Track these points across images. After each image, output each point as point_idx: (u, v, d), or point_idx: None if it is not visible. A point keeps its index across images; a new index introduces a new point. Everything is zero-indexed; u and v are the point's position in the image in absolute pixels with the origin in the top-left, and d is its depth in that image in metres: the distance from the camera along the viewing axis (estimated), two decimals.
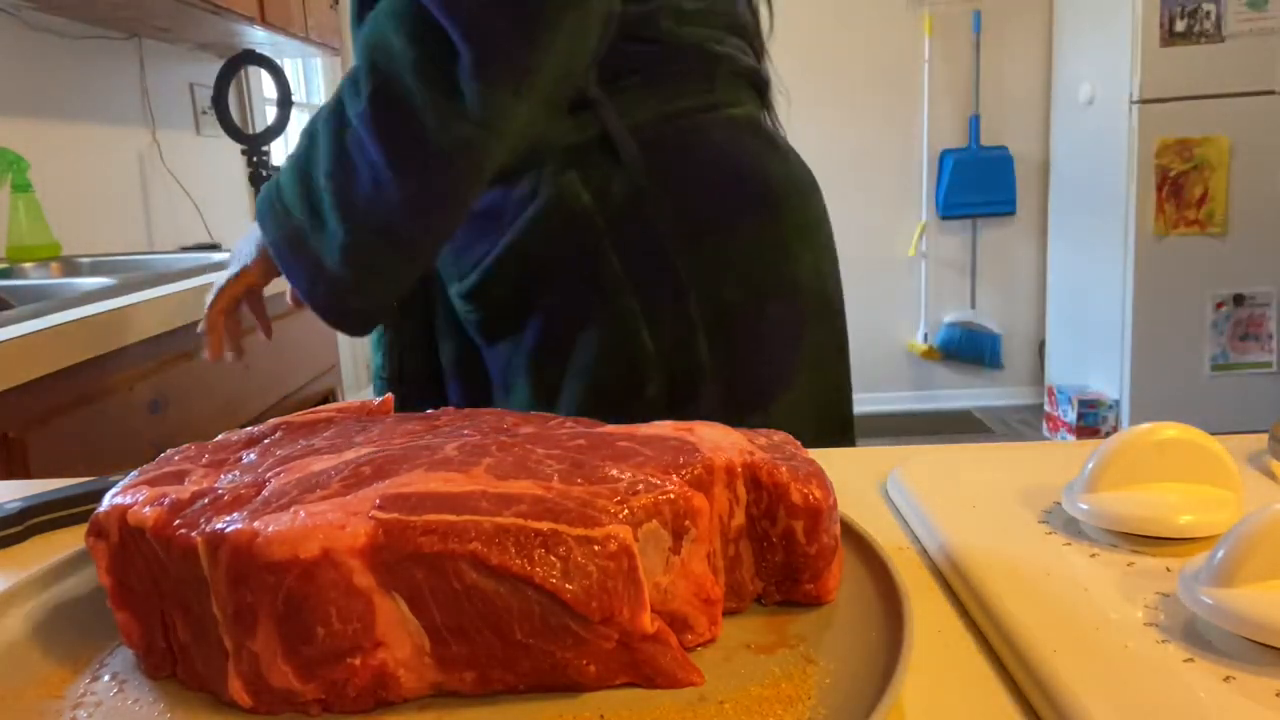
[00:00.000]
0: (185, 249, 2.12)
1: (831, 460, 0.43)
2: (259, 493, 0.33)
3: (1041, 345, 3.76)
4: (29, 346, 1.10)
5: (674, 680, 0.32)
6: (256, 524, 0.31)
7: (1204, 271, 3.01)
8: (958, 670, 0.34)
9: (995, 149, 3.58)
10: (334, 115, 0.65)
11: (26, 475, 1.07)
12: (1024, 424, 3.66)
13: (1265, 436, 0.50)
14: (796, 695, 0.31)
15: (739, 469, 0.36)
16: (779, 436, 0.40)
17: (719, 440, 0.37)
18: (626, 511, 0.32)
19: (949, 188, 3.58)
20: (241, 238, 0.77)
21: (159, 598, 0.34)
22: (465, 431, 0.39)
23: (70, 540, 0.48)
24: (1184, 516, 0.39)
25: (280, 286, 0.79)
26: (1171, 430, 0.41)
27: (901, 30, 3.49)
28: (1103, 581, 0.37)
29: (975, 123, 3.56)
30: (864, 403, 3.75)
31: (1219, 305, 3.08)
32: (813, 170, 0.79)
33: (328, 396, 1.80)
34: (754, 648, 0.34)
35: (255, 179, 2.24)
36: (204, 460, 0.38)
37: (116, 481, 0.37)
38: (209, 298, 0.77)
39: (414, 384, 0.83)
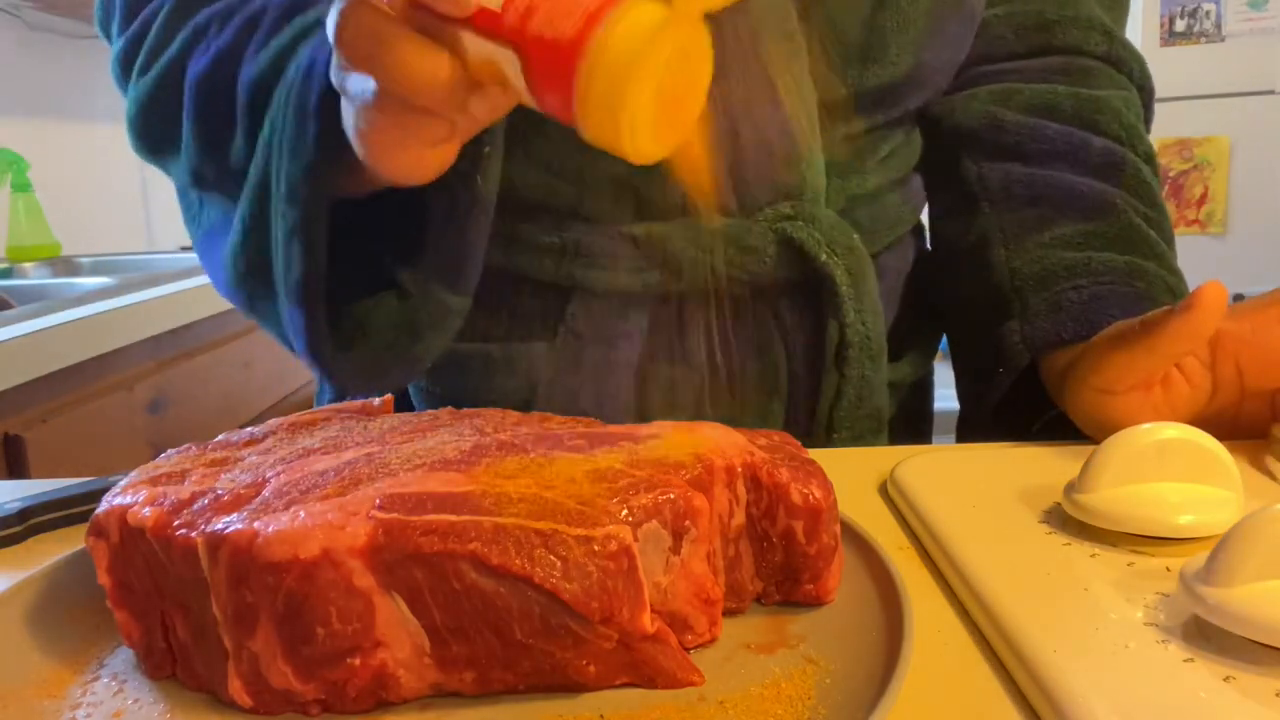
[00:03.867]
0: (185, 249, 2.12)
1: (831, 460, 0.43)
2: (259, 493, 0.33)
3: None
4: (29, 346, 1.10)
5: (674, 680, 0.32)
6: (256, 524, 0.31)
7: (1204, 271, 3.00)
8: (958, 670, 0.34)
9: None
10: None
11: (26, 475, 1.07)
12: None
13: (1265, 437, 0.50)
14: (796, 695, 0.31)
15: (739, 469, 0.36)
16: (779, 436, 0.40)
17: (719, 440, 0.37)
18: (626, 511, 0.32)
19: None
20: None
21: (159, 598, 0.34)
22: (465, 431, 0.39)
23: (70, 540, 0.48)
24: (1184, 516, 0.39)
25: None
26: (1171, 430, 0.41)
27: None
28: (1103, 581, 0.37)
29: None
30: None
31: None
32: None
33: None
34: (754, 648, 0.34)
35: None
36: (204, 460, 0.38)
37: (116, 481, 0.37)
38: None
39: None
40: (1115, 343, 0.51)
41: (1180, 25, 2.90)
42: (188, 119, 0.54)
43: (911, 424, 0.72)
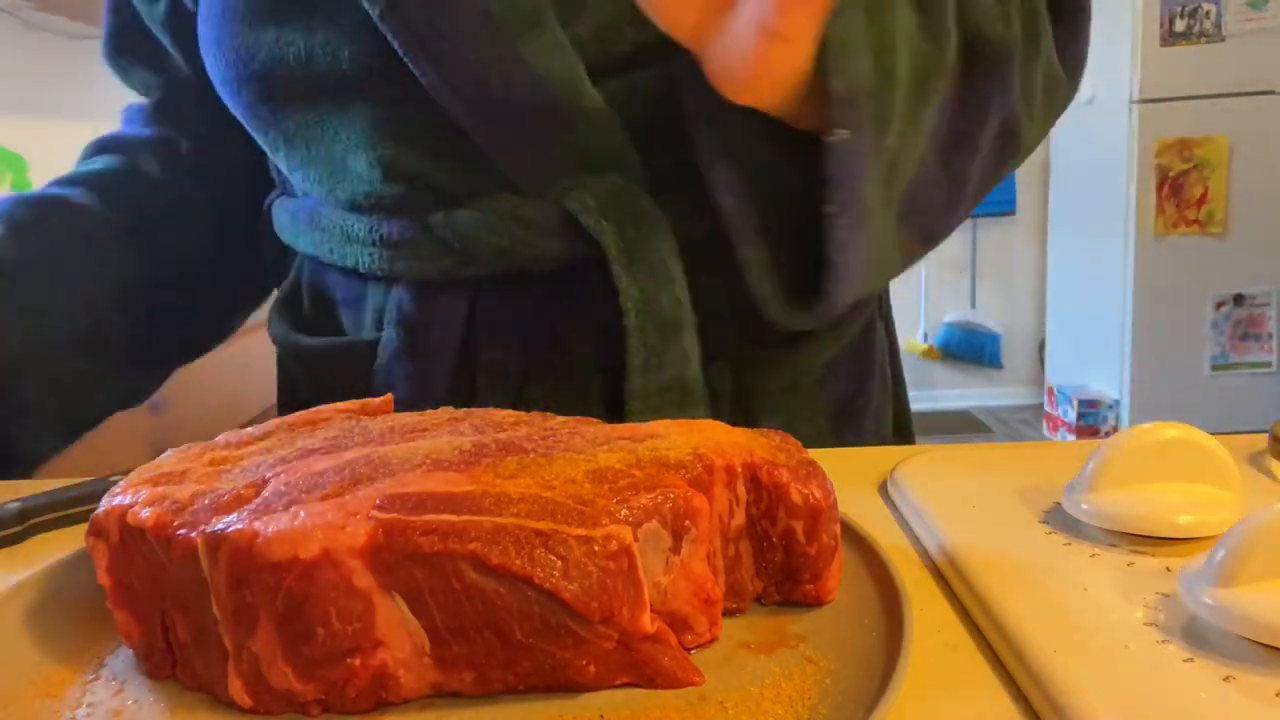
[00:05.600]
0: None
1: (831, 460, 0.43)
2: (259, 493, 0.33)
3: (1041, 345, 3.76)
4: None
5: (674, 680, 0.32)
6: (256, 524, 0.31)
7: (1204, 271, 3.01)
8: (958, 670, 0.34)
9: None
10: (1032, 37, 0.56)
11: (26, 475, 1.07)
12: (1024, 424, 3.67)
13: (1265, 436, 0.50)
14: (796, 695, 0.31)
15: (739, 469, 0.36)
16: (779, 437, 0.40)
17: (719, 440, 0.37)
18: (626, 511, 0.32)
19: None
20: None
21: (159, 598, 0.34)
22: (465, 431, 0.39)
23: (70, 540, 0.48)
24: (1184, 516, 0.39)
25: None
26: (1171, 430, 0.41)
27: None
28: (1103, 581, 0.37)
29: None
30: None
31: (1219, 305, 3.08)
32: None
33: None
34: (754, 648, 0.34)
35: None
36: (204, 460, 0.38)
37: (116, 481, 0.37)
38: None
39: None
40: None
41: (1180, 25, 2.90)
42: None
43: (850, 411, 0.68)
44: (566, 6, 0.54)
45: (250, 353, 1.59)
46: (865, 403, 0.68)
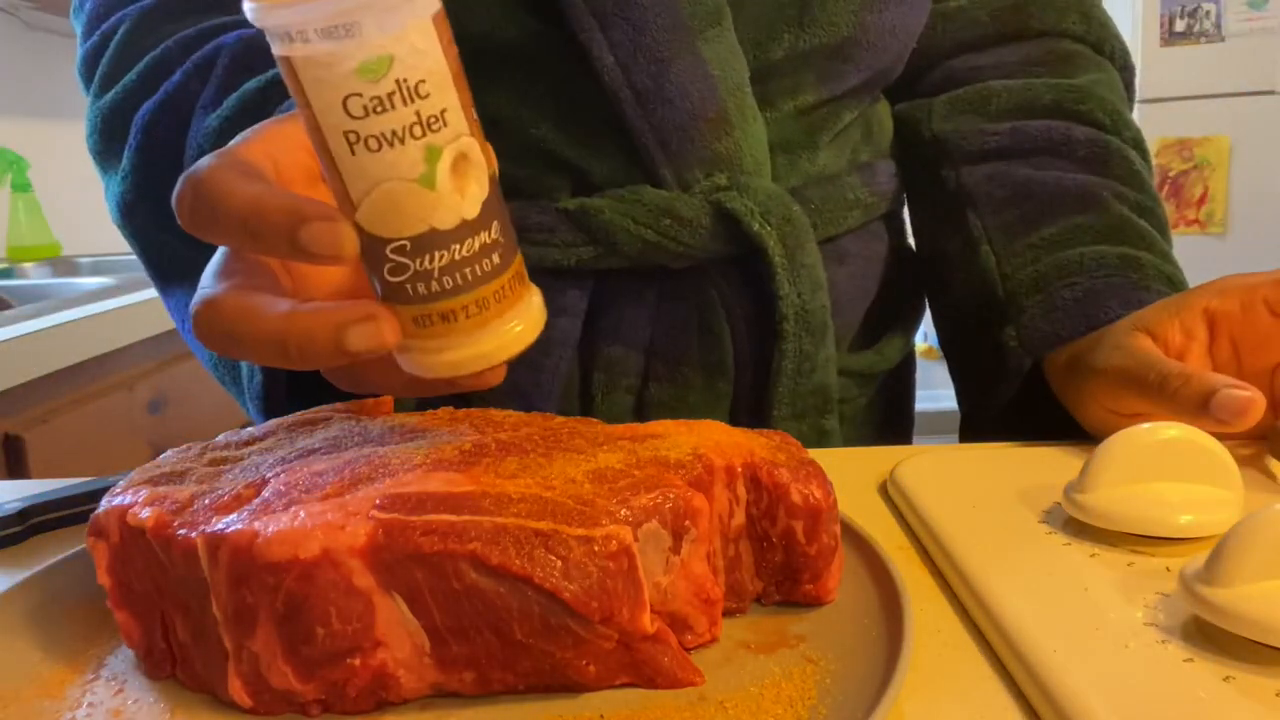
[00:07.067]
0: None
1: (831, 460, 0.43)
2: (259, 493, 0.33)
3: None
4: (29, 346, 1.10)
5: (674, 680, 0.32)
6: (256, 524, 0.31)
7: (1204, 271, 2.99)
8: (958, 670, 0.34)
9: None
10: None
11: (26, 475, 1.07)
12: None
13: (1265, 435, 0.50)
14: (796, 695, 0.31)
15: (739, 469, 0.36)
16: (779, 437, 0.40)
17: (719, 440, 0.37)
18: (626, 511, 0.32)
19: None
20: None
21: (159, 598, 0.34)
22: (465, 431, 0.39)
23: (70, 540, 0.48)
24: (1184, 516, 0.39)
25: None
26: (1171, 430, 0.41)
27: None
28: (1103, 581, 0.37)
29: None
30: None
31: None
32: None
33: None
34: (754, 648, 0.34)
35: None
36: (204, 460, 0.38)
37: (116, 481, 0.37)
38: None
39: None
40: (1130, 384, 0.49)
41: (1180, 25, 2.90)
42: (130, 154, 0.56)
43: (892, 415, 0.71)
44: (735, 8, 0.54)
45: None
46: (910, 401, 0.73)
